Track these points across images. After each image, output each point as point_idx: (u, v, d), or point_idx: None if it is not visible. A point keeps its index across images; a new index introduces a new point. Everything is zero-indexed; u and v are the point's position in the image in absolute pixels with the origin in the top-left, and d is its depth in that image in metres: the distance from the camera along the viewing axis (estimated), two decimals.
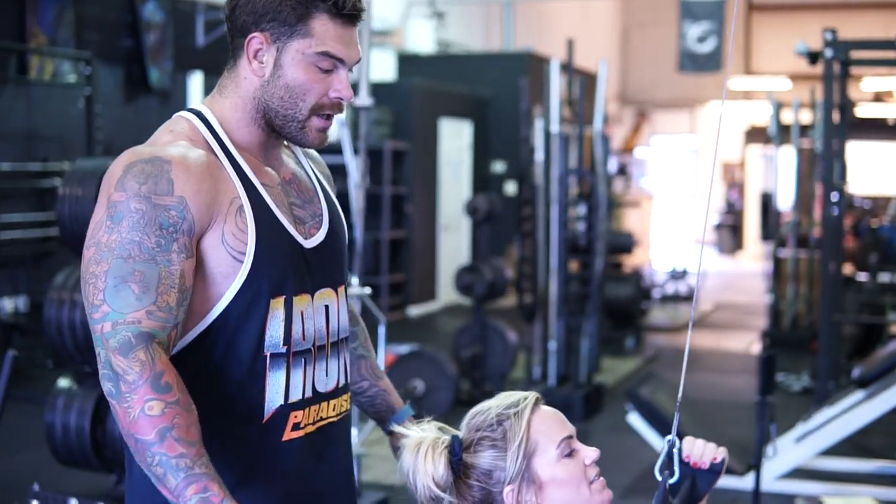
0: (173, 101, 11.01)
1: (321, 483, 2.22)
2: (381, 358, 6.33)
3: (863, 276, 10.73)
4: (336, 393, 2.23)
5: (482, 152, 15.71)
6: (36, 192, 9.52)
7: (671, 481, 2.11)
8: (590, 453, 2.09)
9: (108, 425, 5.27)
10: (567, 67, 9.31)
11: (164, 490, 1.88)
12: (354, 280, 5.98)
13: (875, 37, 10.24)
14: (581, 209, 9.57)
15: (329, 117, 2.16)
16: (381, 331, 6.14)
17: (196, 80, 11.51)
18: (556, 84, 8.70)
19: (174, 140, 2.07)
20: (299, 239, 2.15)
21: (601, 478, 2.08)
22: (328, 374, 2.20)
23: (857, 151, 17.19)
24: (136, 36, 10.68)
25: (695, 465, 2.18)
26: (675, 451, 2.12)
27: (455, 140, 15.01)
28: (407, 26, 16.35)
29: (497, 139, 15.61)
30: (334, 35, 2.10)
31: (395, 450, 2.47)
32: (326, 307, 2.21)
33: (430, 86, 14.55)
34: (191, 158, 2.04)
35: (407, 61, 16.13)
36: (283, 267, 2.10)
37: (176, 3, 11.06)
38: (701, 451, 2.17)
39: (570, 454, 2.07)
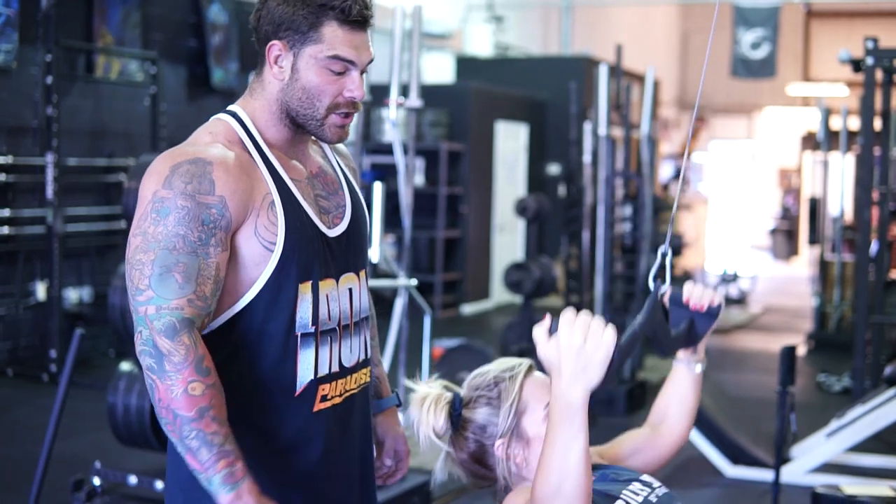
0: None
1: (346, 449, 2.44)
2: (427, 350, 6.57)
3: None
4: (357, 367, 2.45)
5: (538, 154, 15.80)
6: (102, 187, 9.81)
7: (662, 290, 2.25)
8: None
9: None
10: (615, 71, 9.50)
11: (194, 461, 2.11)
12: (401, 273, 6.22)
13: None
14: (627, 210, 9.75)
15: (347, 115, 2.37)
16: (427, 322, 6.36)
17: None
18: (605, 87, 8.86)
19: (213, 141, 2.29)
20: (323, 228, 2.36)
21: None
22: (352, 350, 2.42)
23: None
24: (201, 37, 10.93)
25: (694, 308, 2.37)
26: (668, 260, 2.23)
27: (511, 142, 15.12)
28: (466, 30, 16.56)
29: (553, 142, 15.69)
30: (343, 40, 2.31)
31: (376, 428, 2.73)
32: (350, 290, 2.42)
33: (487, 88, 14.70)
34: (229, 160, 2.25)
35: (465, 64, 16.36)
36: (309, 254, 2.30)
37: (241, 4, 11.31)
38: (700, 294, 2.37)
39: None
